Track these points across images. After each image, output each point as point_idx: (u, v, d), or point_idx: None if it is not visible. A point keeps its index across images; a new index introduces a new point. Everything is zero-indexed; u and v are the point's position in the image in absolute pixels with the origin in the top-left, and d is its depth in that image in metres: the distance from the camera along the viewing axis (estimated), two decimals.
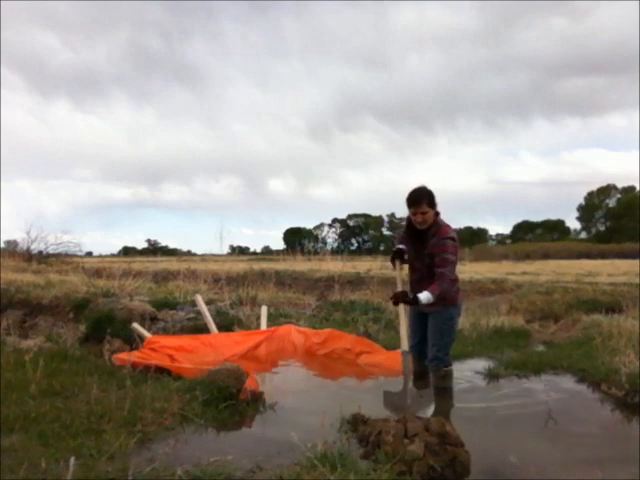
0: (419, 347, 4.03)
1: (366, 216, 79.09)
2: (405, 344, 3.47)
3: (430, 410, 3.20)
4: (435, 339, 3.87)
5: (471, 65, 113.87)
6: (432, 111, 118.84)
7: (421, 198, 3.71)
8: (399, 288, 3.79)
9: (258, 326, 5.90)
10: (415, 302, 3.62)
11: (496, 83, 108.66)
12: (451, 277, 3.67)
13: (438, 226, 3.74)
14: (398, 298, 3.64)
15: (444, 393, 3.86)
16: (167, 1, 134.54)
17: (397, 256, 3.97)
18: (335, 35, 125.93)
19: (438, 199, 3.79)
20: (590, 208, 69.43)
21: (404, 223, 4.09)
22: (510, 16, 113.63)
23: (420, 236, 3.80)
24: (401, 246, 3.97)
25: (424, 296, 3.57)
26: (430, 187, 3.79)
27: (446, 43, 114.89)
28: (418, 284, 3.81)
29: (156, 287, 9.12)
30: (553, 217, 71.27)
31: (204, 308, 5.89)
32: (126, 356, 4.38)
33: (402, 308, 3.65)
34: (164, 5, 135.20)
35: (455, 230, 3.85)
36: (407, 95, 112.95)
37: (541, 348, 5.68)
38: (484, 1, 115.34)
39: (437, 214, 3.79)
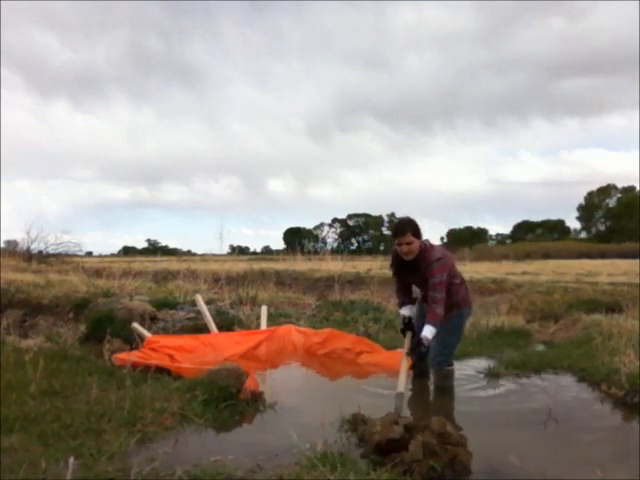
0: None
1: (366, 216, 79.08)
2: (402, 385, 3.36)
3: None
4: (442, 339, 3.86)
5: (470, 65, 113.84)
6: (431, 111, 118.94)
7: (405, 228, 3.71)
8: (405, 350, 3.78)
9: (258, 326, 5.90)
10: (425, 342, 3.61)
11: (495, 83, 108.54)
12: (440, 297, 3.66)
13: (423, 252, 3.74)
14: (412, 351, 3.69)
15: (445, 392, 3.86)
16: (166, 1, 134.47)
17: (407, 328, 3.92)
18: (334, 35, 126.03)
19: (438, 199, 3.80)
20: (590, 208, 69.40)
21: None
22: (509, 16, 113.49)
23: (411, 265, 3.81)
24: (405, 312, 3.96)
25: (428, 331, 3.61)
26: (415, 217, 3.82)
27: (445, 43, 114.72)
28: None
29: (156, 287, 9.10)
30: (553, 217, 71.36)
31: (204, 308, 5.89)
32: (126, 356, 4.38)
33: (406, 344, 3.75)
34: (163, 5, 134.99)
35: (454, 230, 3.86)
36: (406, 95, 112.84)
37: (541, 348, 5.68)
38: (483, 1, 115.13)
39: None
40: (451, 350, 3.93)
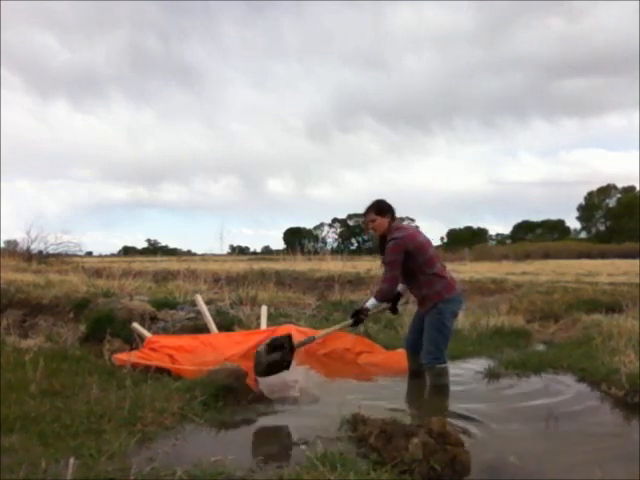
0: (413, 343, 4.11)
1: None
2: (321, 333, 4.13)
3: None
4: (426, 335, 3.92)
5: (469, 65, 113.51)
6: (430, 111, 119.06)
7: (369, 209, 4.00)
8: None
9: (258, 326, 5.89)
10: (366, 312, 3.93)
11: (494, 83, 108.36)
12: (388, 276, 3.85)
13: (390, 232, 3.92)
14: (359, 318, 3.98)
15: (441, 391, 3.86)
16: (165, 1, 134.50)
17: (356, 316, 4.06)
18: (333, 35, 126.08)
19: (438, 199, 3.86)
20: (590, 208, 69.34)
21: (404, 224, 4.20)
22: (507, 16, 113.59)
23: (383, 248, 3.98)
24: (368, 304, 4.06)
25: (369, 303, 3.93)
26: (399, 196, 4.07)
27: (444, 43, 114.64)
28: (410, 289, 4.08)
29: (156, 287, 9.09)
30: (553, 217, 71.29)
31: (204, 308, 5.89)
32: (126, 356, 4.38)
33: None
34: (162, 6, 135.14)
35: (454, 230, 3.91)
36: (405, 95, 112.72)
37: (541, 348, 5.69)
38: (481, 1, 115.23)
39: (393, 220, 3.97)
40: (438, 346, 3.88)
